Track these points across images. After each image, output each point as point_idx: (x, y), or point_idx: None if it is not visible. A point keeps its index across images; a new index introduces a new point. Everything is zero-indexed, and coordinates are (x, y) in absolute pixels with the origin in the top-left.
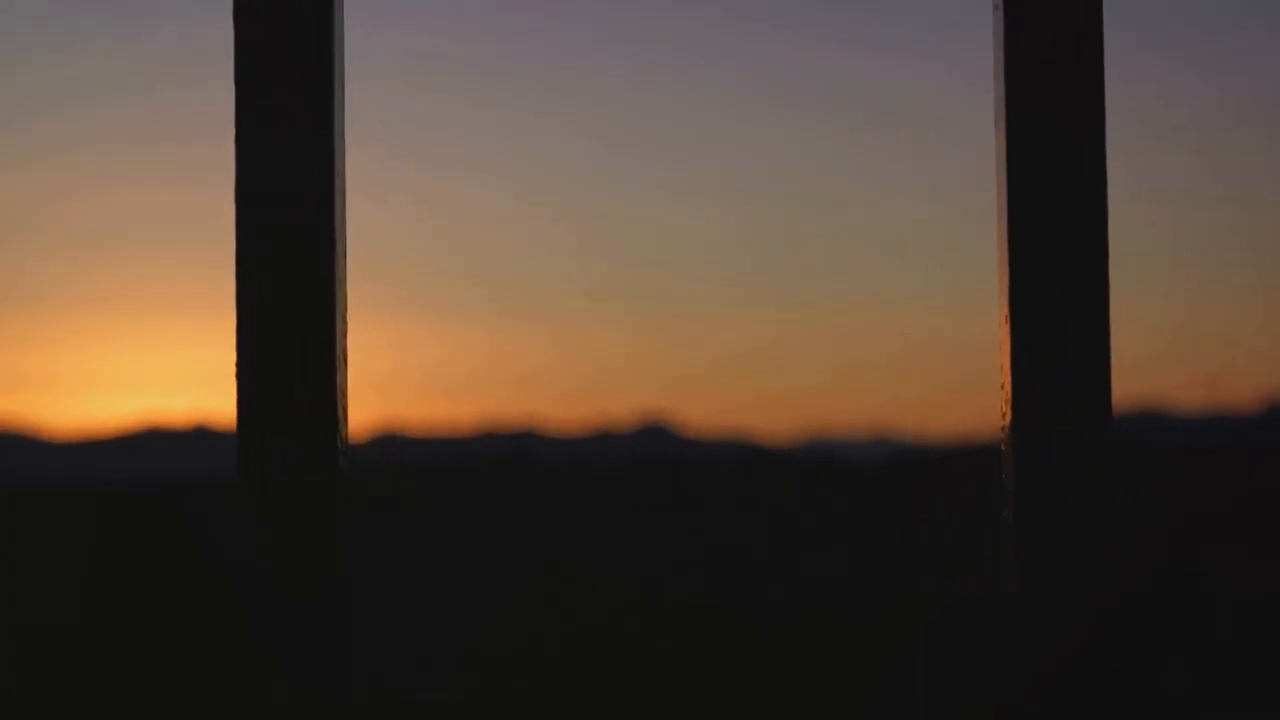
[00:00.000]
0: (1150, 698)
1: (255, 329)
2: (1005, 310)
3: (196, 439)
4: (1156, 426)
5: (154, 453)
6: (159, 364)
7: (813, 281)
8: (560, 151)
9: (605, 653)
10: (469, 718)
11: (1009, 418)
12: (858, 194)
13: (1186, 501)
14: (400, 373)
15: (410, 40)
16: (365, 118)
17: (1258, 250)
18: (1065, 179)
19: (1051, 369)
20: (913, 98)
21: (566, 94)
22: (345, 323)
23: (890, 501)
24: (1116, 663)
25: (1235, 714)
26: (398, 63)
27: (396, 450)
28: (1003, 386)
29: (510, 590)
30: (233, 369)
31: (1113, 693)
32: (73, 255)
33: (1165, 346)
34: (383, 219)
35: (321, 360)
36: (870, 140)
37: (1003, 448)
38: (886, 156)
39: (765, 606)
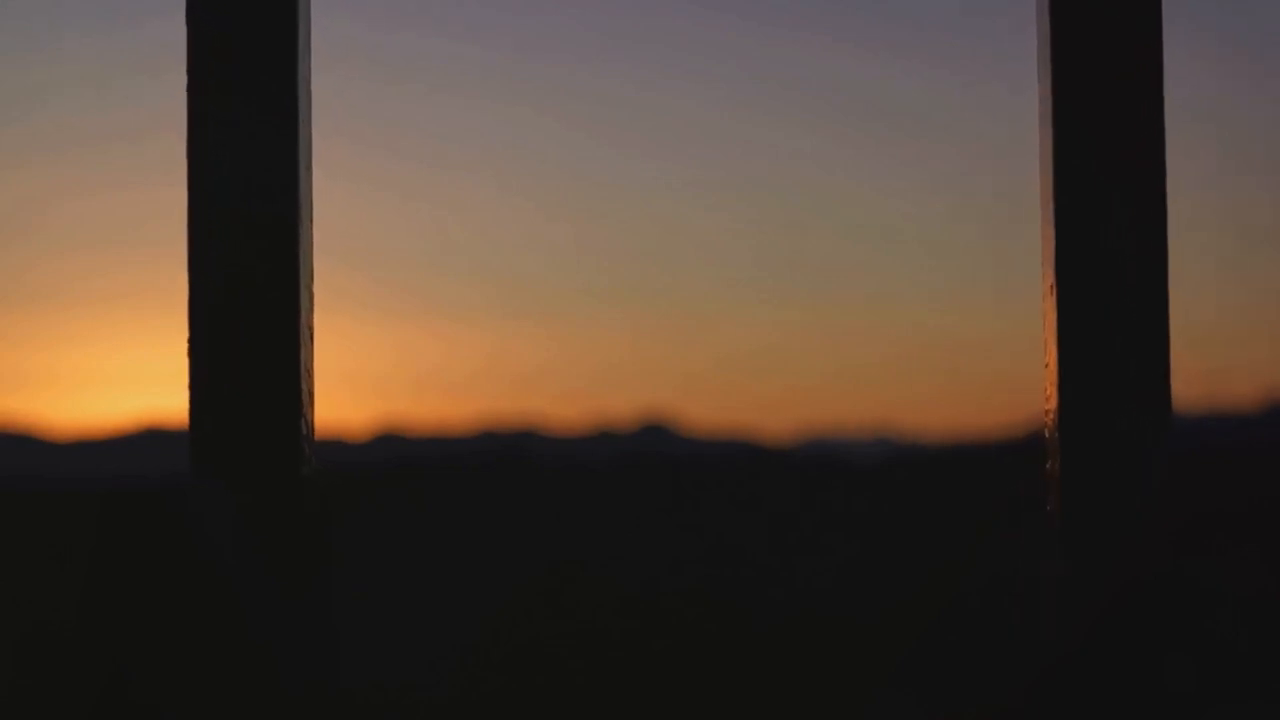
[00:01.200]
0: (1181, 690)
1: (209, 329)
2: (1050, 279)
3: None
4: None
5: (154, 452)
6: (159, 363)
7: (813, 280)
8: (560, 150)
9: (604, 652)
10: (468, 717)
11: (1055, 400)
12: (859, 193)
13: (1185, 500)
14: (401, 372)
15: (410, 40)
16: (365, 118)
17: (1256, 247)
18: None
19: (1104, 343)
20: (913, 97)
21: (567, 93)
22: (310, 327)
23: (891, 500)
24: (1155, 654)
25: (1234, 707)
26: (398, 63)
27: (397, 449)
28: (1046, 365)
29: (510, 589)
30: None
31: (1150, 682)
32: (73, 254)
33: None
34: (382, 218)
35: (280, 357)
36: (871, 139)
37: (1047, 433)
38: (887, 155)
39: (765, 606)
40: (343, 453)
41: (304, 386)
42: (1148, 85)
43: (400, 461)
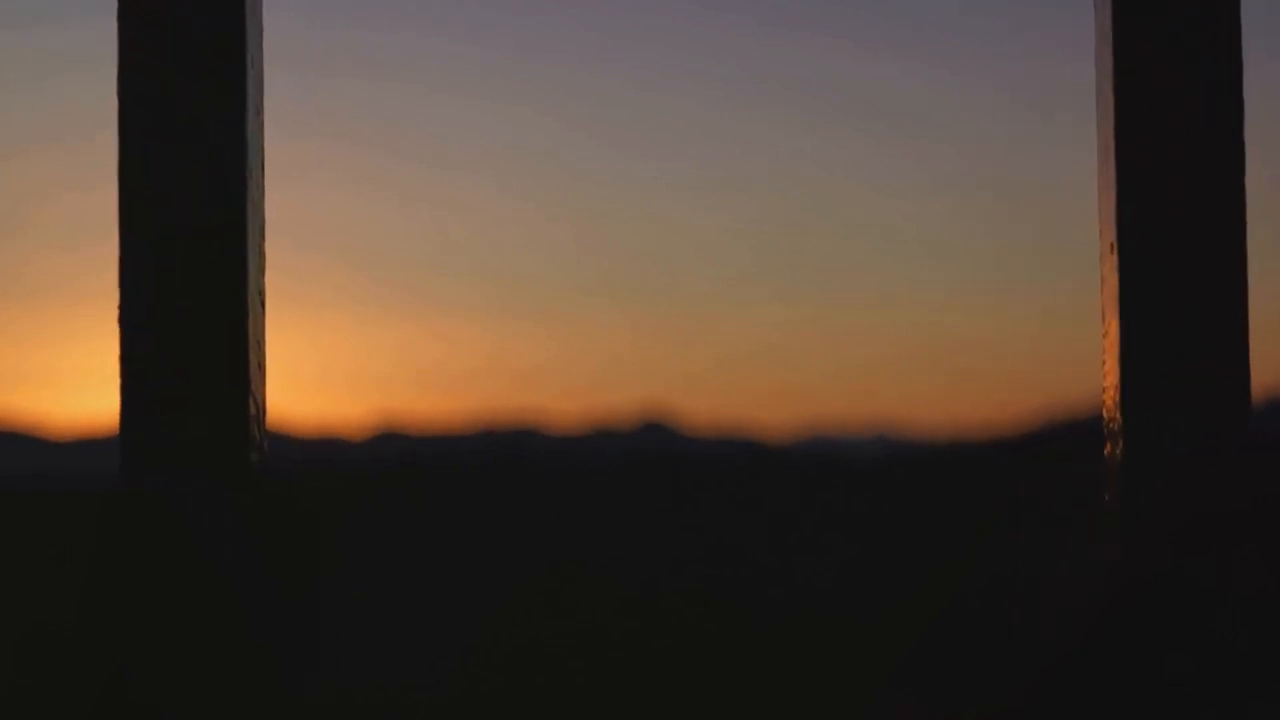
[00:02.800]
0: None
1: (142, 291)
2: (1110, 237)
3: None
4: None
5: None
6: None
7: (813, 279)
8: (560, 150)
9: (603, 650)
10: (466, 716)
11: (1115, 375)
12: (858, 192)
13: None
14: (400, 370)
15: (409, 40)
16: (365, 118)
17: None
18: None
19: (1175, 309)
20: (912, 96)
21: (567, 93)
22: (261, 291)
23: (890, 499)
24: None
25: (1238, 706)
26: (398, 63)
27: (396, 447)
28: (1104, 334)
29: (508, 588)
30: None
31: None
32: (73, 249)
33: None
34: (380, 216)
35: (225, 325)
36: (870, 139)
37: (1105, 414)
38: (887, 155)
39: (765, 605)
40: (342, 451)
41: (253, 360)
42: (1220, 19)
43: (400, 460)
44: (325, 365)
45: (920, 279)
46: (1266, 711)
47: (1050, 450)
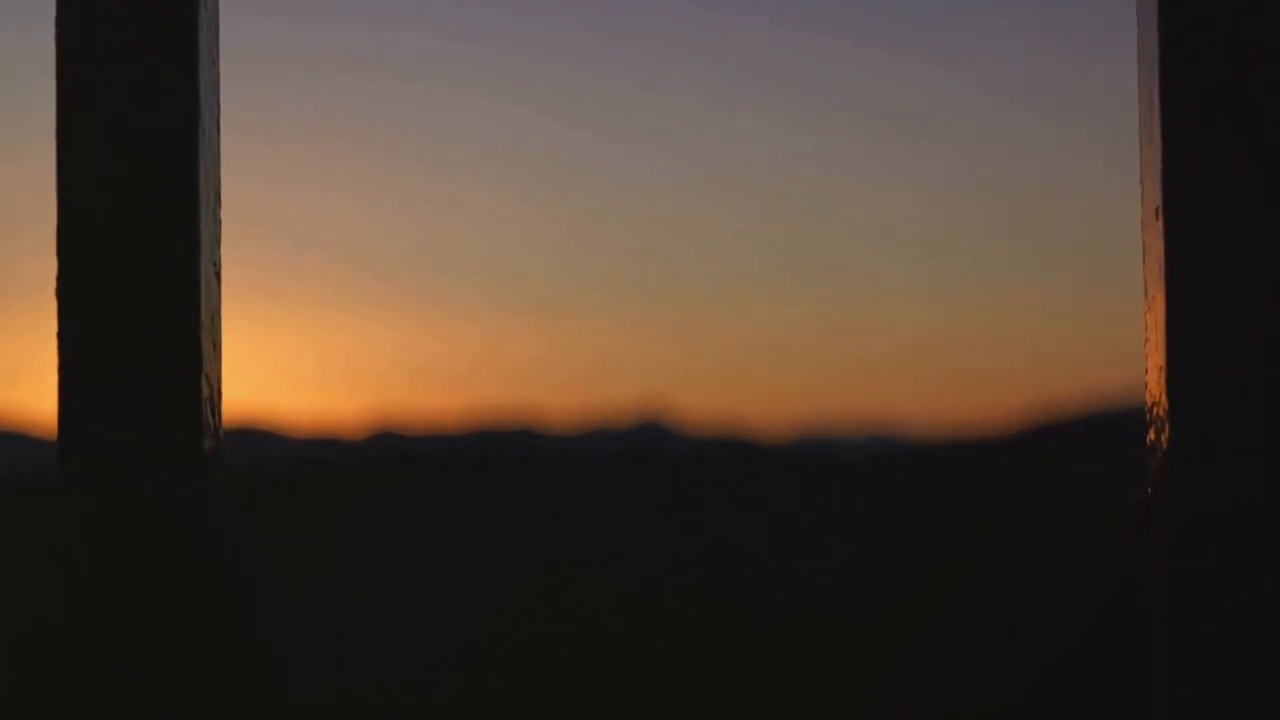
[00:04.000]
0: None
1: (79, 260)
2: (1156, 201)
3: None
4: (1144, 416)
5: None
6: None
7: (812, 277)
8: (558, 147)
9: (600, 649)
10: (466, 717)
11: (1163, 354)
12: (858, 191)
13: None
14: (396, 367)
15: (406, 40)
16: (365, 117)
17: None
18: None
19: (1229, 280)
20: (909, 95)
21: (567, 93)
22: (216, 263)
23: (890, 499)
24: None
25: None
26: (398, 63)
27: (393, 446)
28: (1148, 310)
29: (506, 587)
30: (226, 361)
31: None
32: None
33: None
34: (379, 215)
35: (173, 297)
36: (869, 138)
37: (1149, 398)
38: (886, 154)
39: (764, 605)
40: (341, 450)
41: (206, 337)
42: None
43: (399, 460)
44: (323, 363)
45: (919, 278)
46: None
47: (1048, 449)
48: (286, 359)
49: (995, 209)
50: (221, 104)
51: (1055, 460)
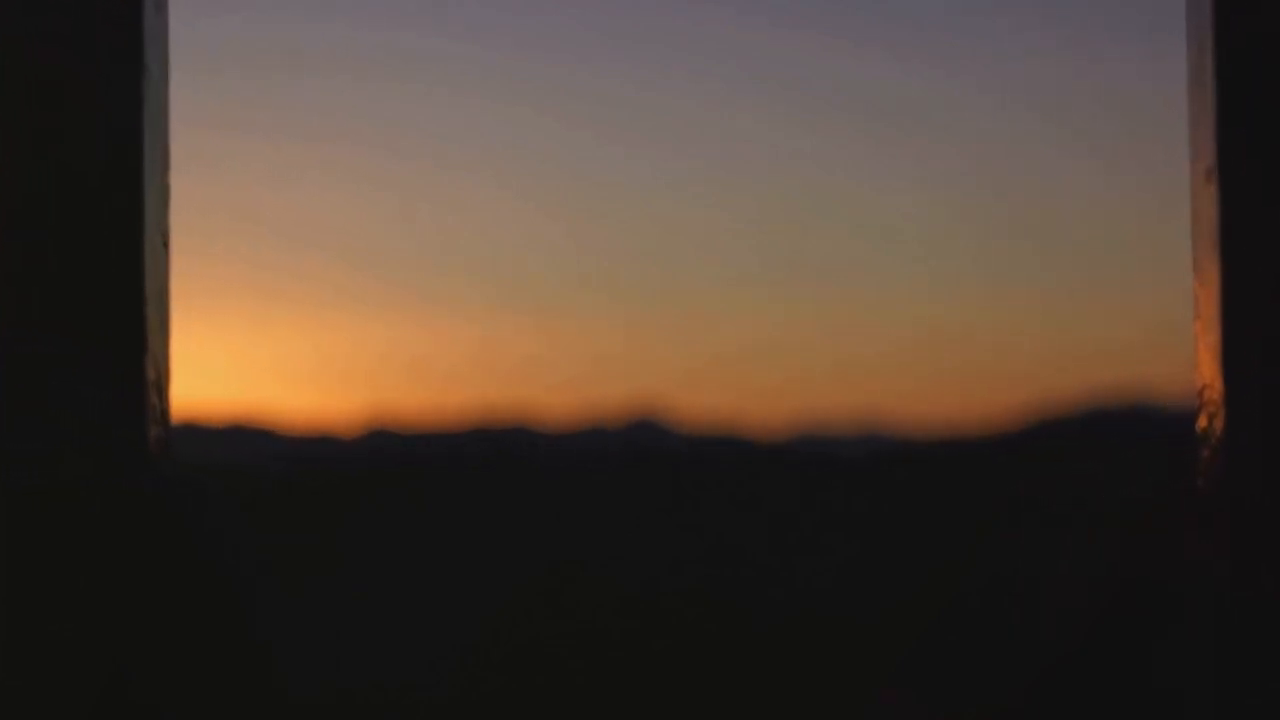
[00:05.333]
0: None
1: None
2: (1208, 159)
3: (184, 430)
4: (1143, 415)
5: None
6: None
7: (811, 276)
8: (556, 146)
9: (598, 648)
10: (466, 717)
11: (1218, 330)
12: (857, 190)
13: (1178, 492)
14: (390, 365)
15: (404, 38)
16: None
17: None
18: None
19: None
20: (905, 93)
21: (566, 92)
22: (165, 233)
23: (889, 498)
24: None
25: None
26: (397, 62)
27: (391, 445)
28: (1198, 281)
29: (502, 585)
30: (225, 360)
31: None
32: None
33: (1148, 335)
34: (375, 213)
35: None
36: (869, 137)
37: (1201, 383)
38: (885, 154)
39: (764, 605)
40: (339, 449)
41: (152, 314)
42: None
43: (397, 459)
44: (321, 362)
45: (918, 277)
46: None
47: (1048, 448)
48: (284, 358)
49: (994, 208)
50: (219, 103)
51: (1055, 459)
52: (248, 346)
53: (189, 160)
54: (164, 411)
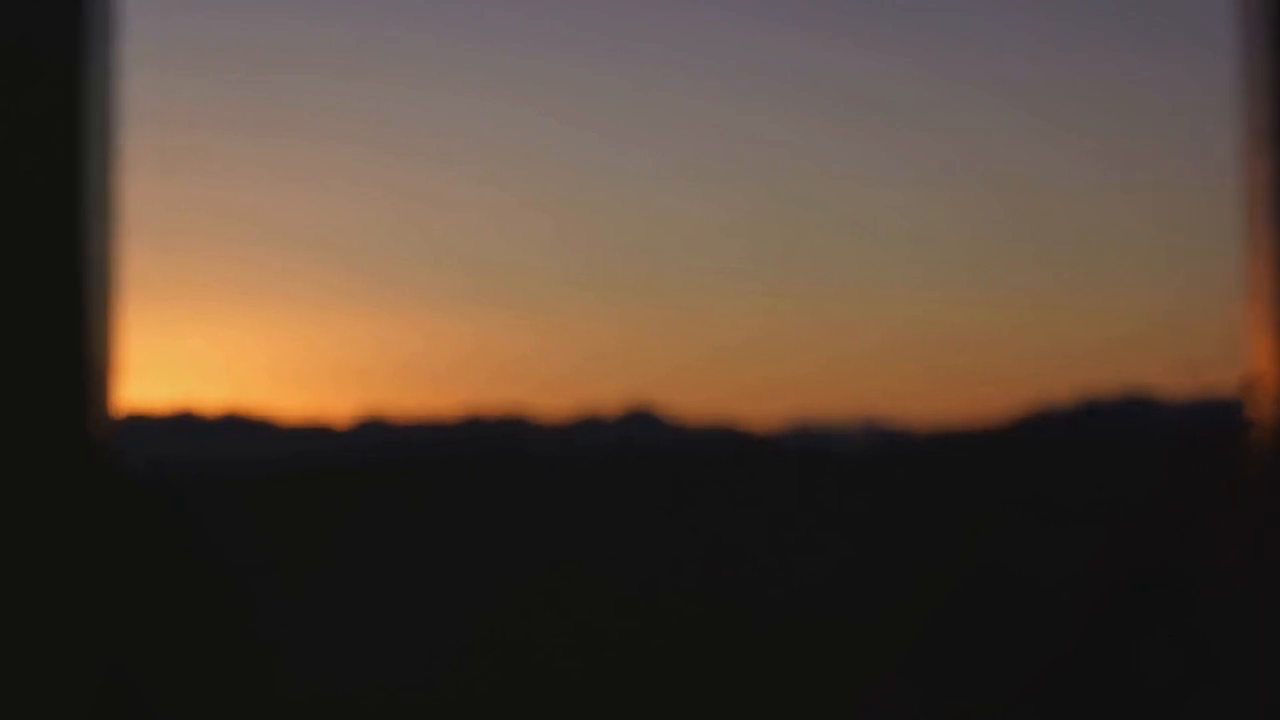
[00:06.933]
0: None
1: None
2: (1264, 120)
3: (180, 425)
4: (1140, 412)
5: (140, 440)
6: (149, 353)
7: (803, 271)
8: (545, 140)
9: (595, 647)
10: (464, 716)
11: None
12: (850, 185)
13: (1175, 490)
14: (383, 362)
15: (393, 35)
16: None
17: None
18: None
19: None
20: (900, 90)
21: (551, 83)
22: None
23: (884, 493)
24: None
25: (1215, 693)
26: (382, 56)
27: (384, 444)
28: (1252, 247)
29: (499, 584)
30: (222, 358)
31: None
32: None
33: (1146, 331)
34: (365, 209)
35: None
36: (858, 130)
37: (1252, 371)
38: (878, 148)
39: (763, 604)
40: (331, 447)
41: (93, 300)
42: None
43: (388, 457)
44: (312, 360)
45: (913, 272)
46: None
47: (1045, 443)
48: (275, 356)
49: (986, 203)
50: (215, 101)
51: (1053, 455)
52: (239, 344)
53: (182, 160)
54: (105, 402)
